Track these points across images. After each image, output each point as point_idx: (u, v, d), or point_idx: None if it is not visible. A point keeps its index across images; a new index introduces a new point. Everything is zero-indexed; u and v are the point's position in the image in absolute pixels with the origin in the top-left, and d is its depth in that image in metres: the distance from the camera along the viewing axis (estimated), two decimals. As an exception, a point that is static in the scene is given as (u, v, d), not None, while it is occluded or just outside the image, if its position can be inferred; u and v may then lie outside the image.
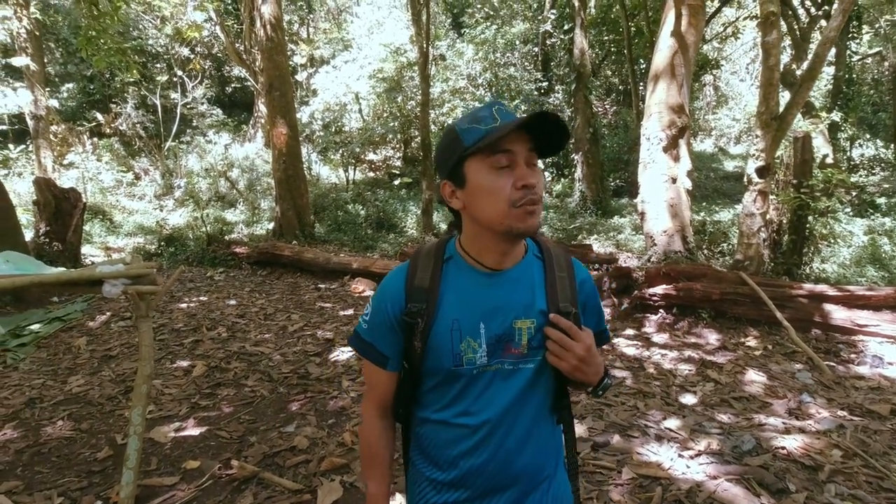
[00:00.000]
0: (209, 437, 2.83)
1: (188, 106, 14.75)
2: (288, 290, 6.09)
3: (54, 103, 12.22)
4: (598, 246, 7.73)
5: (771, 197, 5.02)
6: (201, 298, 5.51)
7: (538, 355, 0.95)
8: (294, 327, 4.63)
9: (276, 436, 2.81)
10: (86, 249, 7.48)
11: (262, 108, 14.85)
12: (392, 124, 14.59)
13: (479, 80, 15.49)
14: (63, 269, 2.26)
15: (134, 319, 4.52)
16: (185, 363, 3.80)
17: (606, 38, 16.08)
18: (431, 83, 10.68)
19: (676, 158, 5.79)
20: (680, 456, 2.47)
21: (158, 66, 15.15)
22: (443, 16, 17.74)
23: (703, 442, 2.59)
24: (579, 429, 2.77)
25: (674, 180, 5.79)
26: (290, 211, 8.12)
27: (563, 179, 13.37)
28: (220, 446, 2.73)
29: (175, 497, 2.30)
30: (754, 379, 3.42)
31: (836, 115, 11.51)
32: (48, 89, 11.52)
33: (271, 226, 9.28)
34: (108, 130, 13.47)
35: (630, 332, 4.48)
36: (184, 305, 5.17)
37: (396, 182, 13.02)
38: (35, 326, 4.42)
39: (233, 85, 17.79)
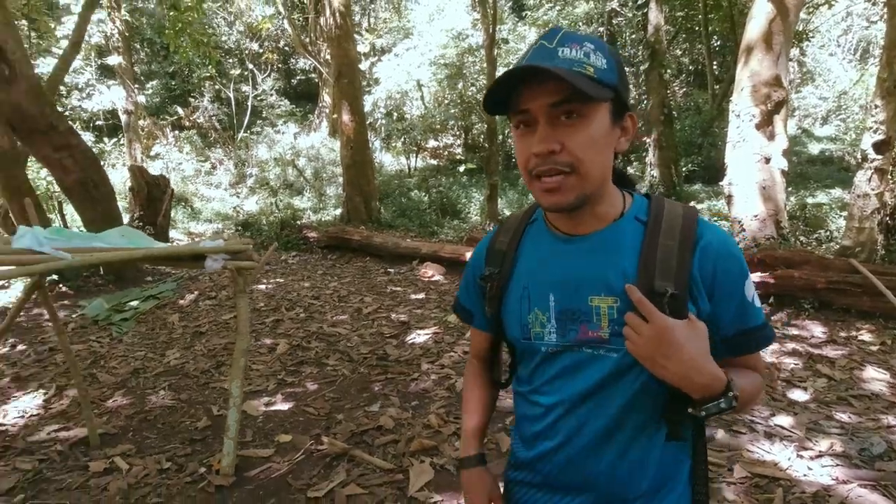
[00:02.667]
0: (297, 412, 2.89)
1: (258, 98, 15.34)
2: (358, 273, 6.19)
3: (142, 99, 13.06)
4: (675, 233, 7.32)
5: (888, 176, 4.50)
6: (278, 280, 5.71)
7: (619, 344, 0.77)
8: (368, 309, 4.68)
9: (361, 415, 2.83)
10: (171, 234, 7.96)
11: (326, 98, 15.21)
12: (453, 111, 14.50)
13: (542, 64, 15.06)
14: (169, 244, 2.37)
15: (233, 294, 4.74)
16: (268, 341, 3.93)
17: (679, 14, 15.13)
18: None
19: (771, 136, 5.32)
20: (799, 456, 2.24)
21: (231, 61, 15.84)
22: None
23: (823, 442, 2.34)
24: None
25: (767, 160, 5.33)
26: (357, 196, 8.25)
27: (633, 164, 12.78)
28: (308, 422, 2.78)
29: (271, 469, 2.36)
30: (874, 376, 3.08)
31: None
32: (136, 86, 12.34)
33: (337, 212, 9.50)
34: (187, 123, 14.28)
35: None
36: (262, 287, 5.38)
37: (461, 168, 12.94)
38: (134, 303, 4.73)
39: (298, 77, 18.33)
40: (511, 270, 0.87)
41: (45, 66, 9.72)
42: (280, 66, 17.63)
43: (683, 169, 11.49)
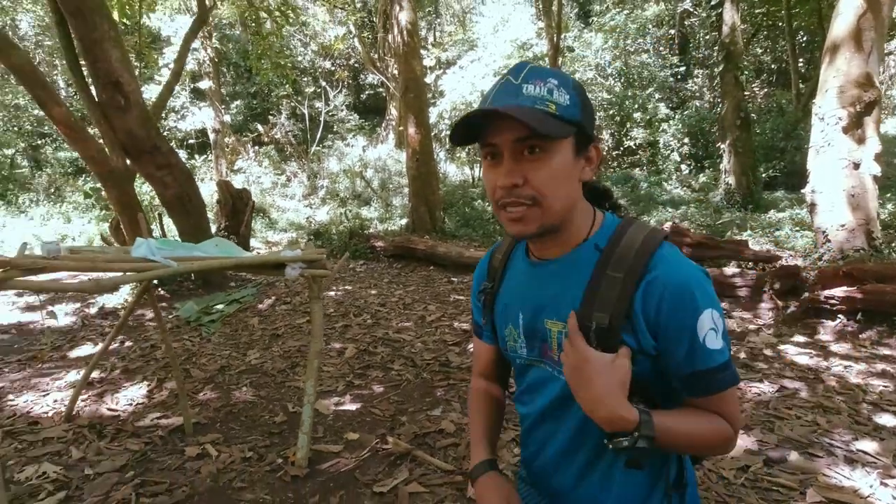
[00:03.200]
0: (364, 413, 3.07)
1: (330, 113, 16.18)
2: (423, 282, 6.38)
3: (227, 119, 14.20)
4: (753, 243, 6.92)
5: None
6: (347, 287, 6.02)
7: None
8: (431, 317, 4.83)
9: (423, 418, 2.95)
10: (252, 243, 8.59)
11: (393, 111, 15.76)
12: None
13: (609, 70, 14.77)
14: (255, 253, 2.64)
15: (307, 300, 5.06)
16: (338, 345, 4.18)
17: (759, 10, 14.30)
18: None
19: (861, 140, 4.94)
20: (883, 484, 2.10)
21: (306, 79, 16.84)
22: (569, 6, 17.20)
23: (913, 471, 2.18)
24: (746, 440, 2.50)
25: (856, 166, 4.95)
26: (422, 207, 8.50)
27: (705, 171, 12.20)
28: (374, 422, 2.95)
29: (340, 463, 2.53)
30: (981, 404, 2.80)
31: None
32: (223, 107, 13.44)
33: (403, 222, 9.81)
34: (266, 139, 15.33)
35: (800, 338, 3.93)
36: (332, 293, 5.69)
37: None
38: (220, 306, 5.18)
39: (367, 92, 19.13)
40: (499, 286, 0.94)
41: (148, 91, 10.86)
42: (350, 82, 18.49)
43: (763, 175, 10.81)
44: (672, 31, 16.19)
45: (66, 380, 3.53)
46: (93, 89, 4.73)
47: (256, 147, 15.04)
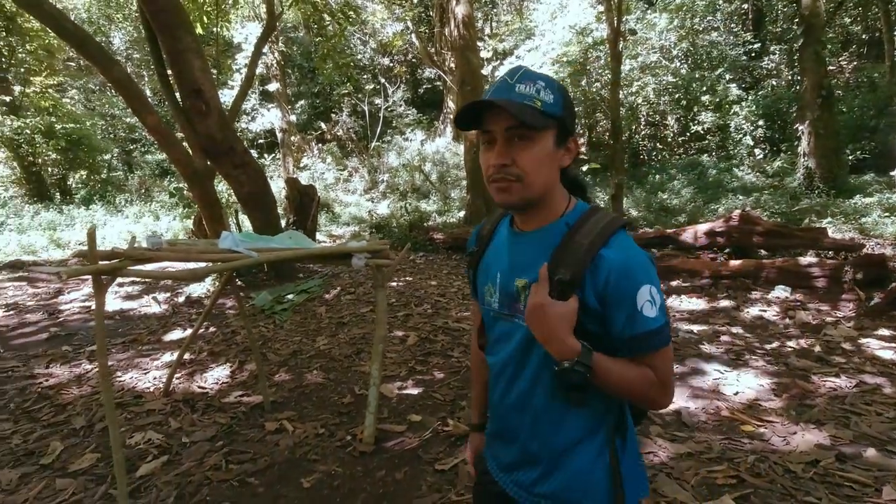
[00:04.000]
0: (425, 397, 3.22)
1: (389, 109, 16.55)
2: (480, 273, 6.47)
3: (293, 118, 14.90)
4: (834, 231, 6.45)
5: None
6: (407, 278, 6.23)
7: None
8: (489, 307, 4.92)
9: (482, 402, 3.06)
10: (317, 236, 9.03)
11: (450, 104, 15.87)
12: (576, 109, 14.20)
13: (675, 52, 14.08)
14: (324, 245, 2.84)
15: (370, 289, 5.31)
16: (400, 333, 4.36)
17: (847, -23, 13.08)
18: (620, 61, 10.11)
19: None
20: (971, 485, 1.98)
21: (365, 77, 17.31)
22: (631, -13, 16.51)
23: None
24: (817, 435, 2.42)
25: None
26: (479, 199, 8.57)
27: (782, 155, 11.41)
28: (435, 406, 3.09)
29: (405, 442, 2.69)
30: None
31: None
32: (289, 107, 14.12)
33: (461, 214, 9.93)
34: (328, 137, 15.95)
35: (885, 332, 3.67)
36: (394, 284, 5.92)
37: (584, 168, 12.66)
38: (290, 296, 5.53)
39: (424, 86, 19.37)
40: (484, 251, 1.11)
41: (223, 96, 11.63)
42: (408, 77, 18.79)
43: (849, 158, 9.98)
44: (745, 6, 15.17)
45: (162, 360, 3.94)
46: (177, 97, 5.19)
47: (320, 144, 15.68)
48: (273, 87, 12.15)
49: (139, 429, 2.87)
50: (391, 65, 17.08)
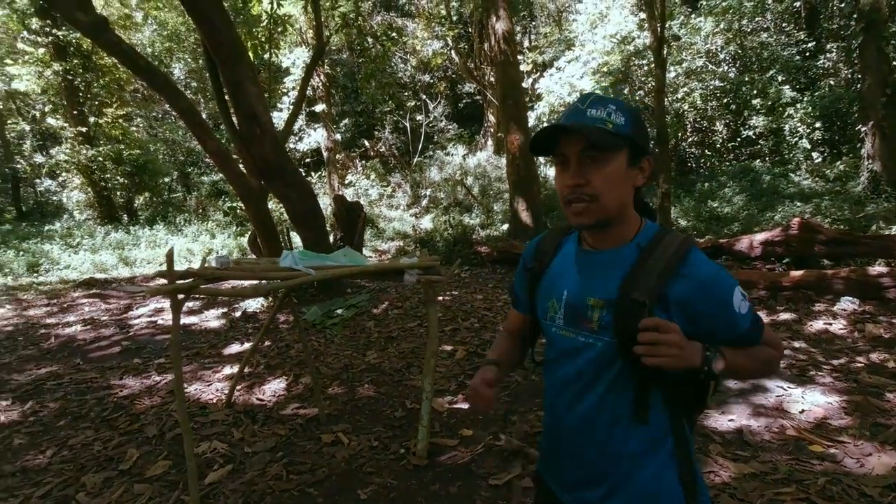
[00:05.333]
0: (476, 411, 3.23)
1: (430, 125, 16.83)
2: (525, 286, 6.44)
3: (338, 137, 15.40)
4: (906, 238, 6.03)
5: None
6: (453, 293, 6.28)
7: (606, 335, 0.98)
8: (536, 321, 4.89)
9: (533, 418, 3.05)
10: (364, 252, 9.24)
11: (491, 117, 15.98)
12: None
13: (722, 56, 13.67)
14: (377, 262, 2.95)
15: (415, 305, 5.41)
16: (448, 347, 4.41)
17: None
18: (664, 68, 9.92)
19: None
20: None
21: (406, 94, 17.70)
22: (674, -8, 16.20)
23: None
24: (895, 457, 2.27)
25: None
26: (523, 212, 8.56)
27: (843, 158, 10.81)
28: (486, 421, 3.10)
29: (457, 456, 2.72)
30: None
31: None
32: (334, 126, 14.62)
33: (505, 227, 9.93)
34: (372, 153, 16.36)
35: (970, 348, 3.41)
36: (440, 298, 5.98)
37: (628, 178, 12.40)
38: (339, 311, 5.70)
39: (464, 101, 19.57)
40: (547, 267, 1.13)
41: (273, 118, 12.21)
42: (448, 92, 19.07)
43: (920, 159, 9.32)
44: (797, 4, 14.57)
45: (223, 373, 4.14)
46: (234, 121, 5.51)
47: (363, 161, 16.10)
48: (319, 108, 12.63)
49: (205, 438, 3.03)
50: (432, 81, 17.40)
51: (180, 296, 2.09)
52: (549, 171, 14.37)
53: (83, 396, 3.75)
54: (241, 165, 5.83)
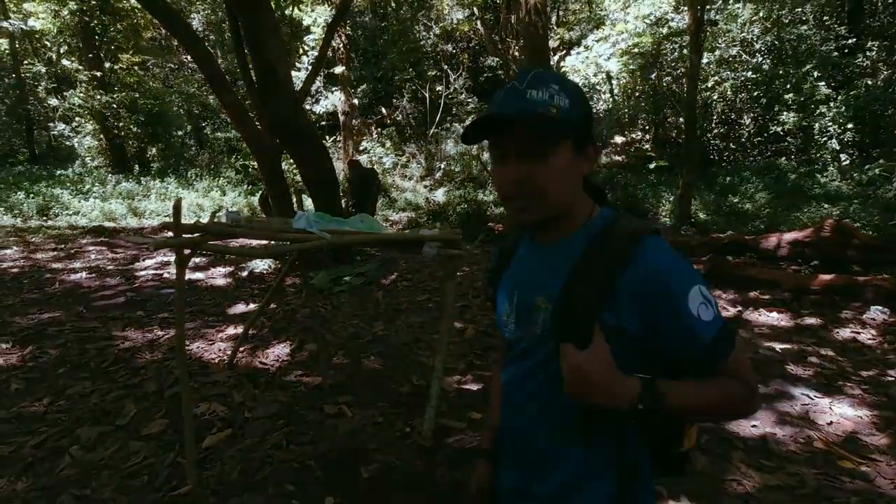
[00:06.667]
0: (486, 393, 3.12)
1: (449, 96, 16.42)
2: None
3: (355, 101, 15.08)
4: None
5: None
6: (464, 269, 6.13)
7: (544, 344, 0.86)
8: (549, 305, 4.75)
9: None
10: (374, 220, 9.09)
11: (512, 94, 15.55)
12: (643, 104, 13.58)
13: (757, 45, 13.13)
14: (397, 231, 2.79)
15: (442, 279, 5.29)
16: (458, 325, 4.28)
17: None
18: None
19: None
20: None
21: (427, 63, 17.23)
22: (714, -25, 15.51)
23: None
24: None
25: None
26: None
27: (875, 161, 10.44)
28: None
29: (464, 440, 2.61)
30: None
31: None
32: (351, 91, 14.29)
33: (519, 207, 9.72)
34: (388, 121, 16.03)
35: None
36: (450, 274, 5.84)
37: (651, 165, 12.10)
38: (347, 278, 5.57)
39: (486, 74, 19.06)
40: (504, 268, 1.01)
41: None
42: (469, 64, 18.56)
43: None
44: (839, -6, 13.93)
45: (226, 332, 4.05)
46: (252, 76, 5.28)
47: (379, 129, 15.80)
48: (339, 69, 12.31)
49: (205, 399, 2.94)
50: (454, 52, 16.90)
51: (186, 251, 1.95)
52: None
53: (84, 345, 3.67)
54: (256, 122, 5.64)
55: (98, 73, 12.41)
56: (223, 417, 2.76)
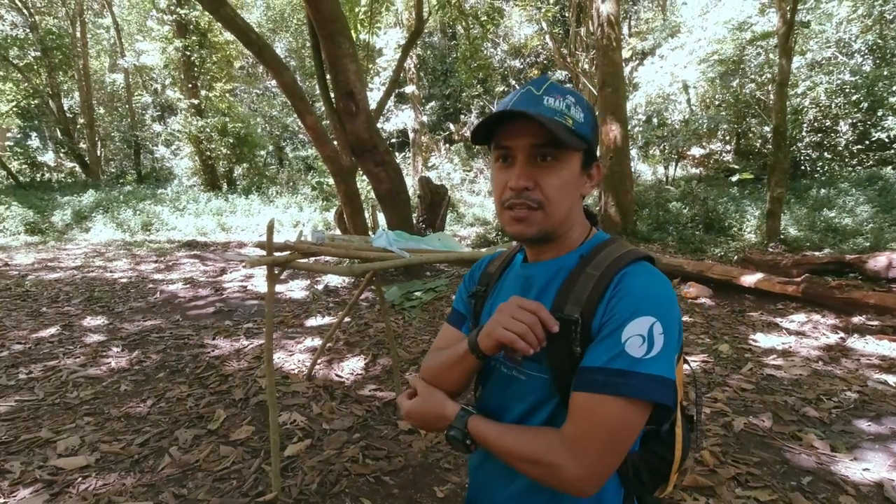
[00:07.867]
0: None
1: (517, 112, 16.44)
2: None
3: (424, 119, 15.48)
4: None
5: None
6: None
7: (532, 368, 0.83)
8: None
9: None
10: (442, 236, 9.21)
11: (582, 107, 15.27)
12: (724, 113, 12.83)
13: (856, 46, 12.05)
14: (468, 249, 2.81)
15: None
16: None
17: None
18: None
19: None
20: None
21: (495, 79, 17.37)
22: (805, -27, 14.47)
23: None
24: None
25: None
26: (613, 207, 8.10)
27: None
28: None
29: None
30: None
31: None
32: (421, 108, 14.68)
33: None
34: (456, 138, 16.28)
35: None
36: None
37: (735, 178, 11.39)
38: (418, 293, 5.67)
39: (554, 88, 18.90)
40: (492, 291, 0.97)
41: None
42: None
43: None
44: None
45: (304, 344, 4.24)
46: (332, 98, 5.58)
47: (447, 145, 16.07)
48: (409, 89, 12.72)
49: (286, 408, 3.08)
50: (521, 67, 16.93)
51: (276, 268, 2.07)
52: (640, 167, 13.56)
53: (180, 352, 3.99)
54: (335, 142, 5.93)
55: (195, 101, 13.64)
56: (303, 427, 2.88)
